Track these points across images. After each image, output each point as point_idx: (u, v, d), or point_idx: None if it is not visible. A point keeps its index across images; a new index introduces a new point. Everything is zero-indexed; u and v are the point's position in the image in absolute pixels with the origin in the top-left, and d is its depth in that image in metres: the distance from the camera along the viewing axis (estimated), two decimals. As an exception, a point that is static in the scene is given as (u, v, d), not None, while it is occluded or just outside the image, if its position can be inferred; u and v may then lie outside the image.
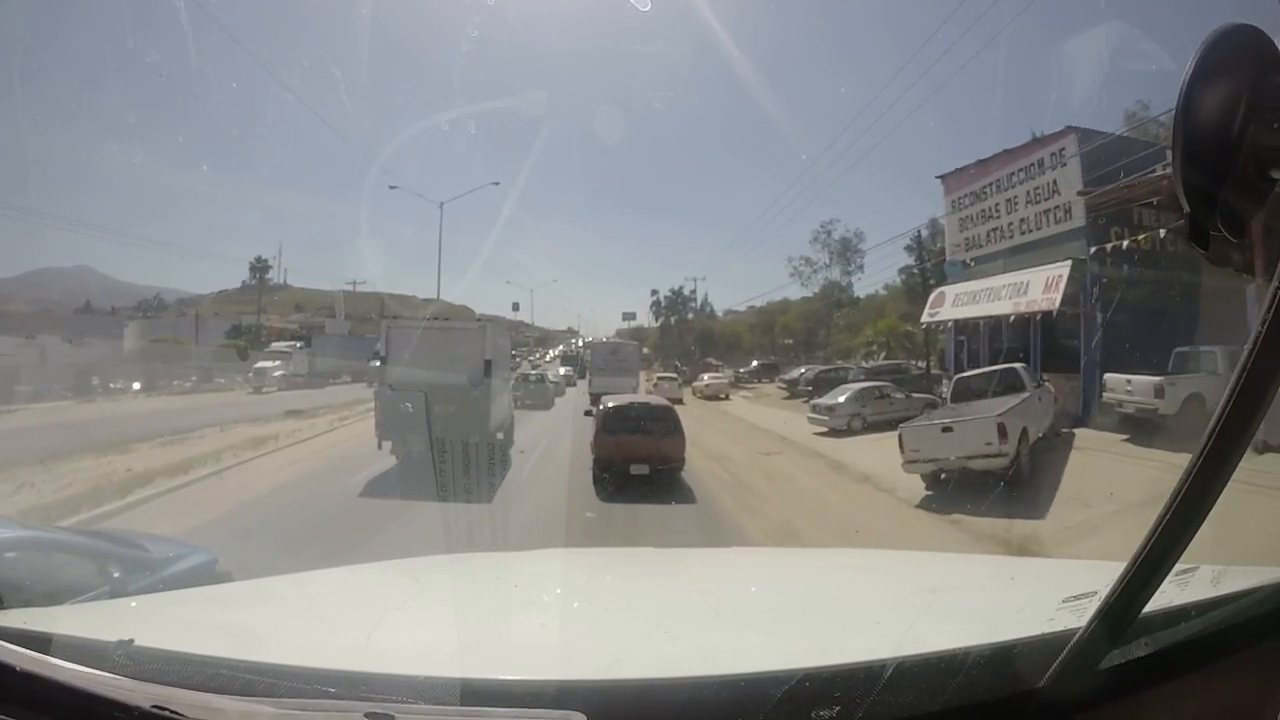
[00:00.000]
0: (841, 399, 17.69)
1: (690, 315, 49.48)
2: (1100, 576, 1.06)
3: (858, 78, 44.05)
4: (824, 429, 17.30)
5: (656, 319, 51.09)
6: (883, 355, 29.63)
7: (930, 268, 26.78)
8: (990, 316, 17.47)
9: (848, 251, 38.47)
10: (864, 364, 27.60)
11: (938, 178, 21.44)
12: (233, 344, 35.85)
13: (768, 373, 35.45)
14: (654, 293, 50.50)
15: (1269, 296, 0.73)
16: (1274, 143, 0.72)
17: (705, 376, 32.02)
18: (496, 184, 27.37)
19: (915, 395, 18.67)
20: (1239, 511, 1.36)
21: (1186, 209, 0.77)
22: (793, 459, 14.40)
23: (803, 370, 29.11)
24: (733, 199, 62.46)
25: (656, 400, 13.32)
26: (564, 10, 28.54)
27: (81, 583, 3.31)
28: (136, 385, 25.54)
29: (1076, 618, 1.05)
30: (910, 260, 31.51)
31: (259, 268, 41.58)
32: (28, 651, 1.02)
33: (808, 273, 39.60)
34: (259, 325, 40.04)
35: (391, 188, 26.13)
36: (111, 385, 25.25)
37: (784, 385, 28.91)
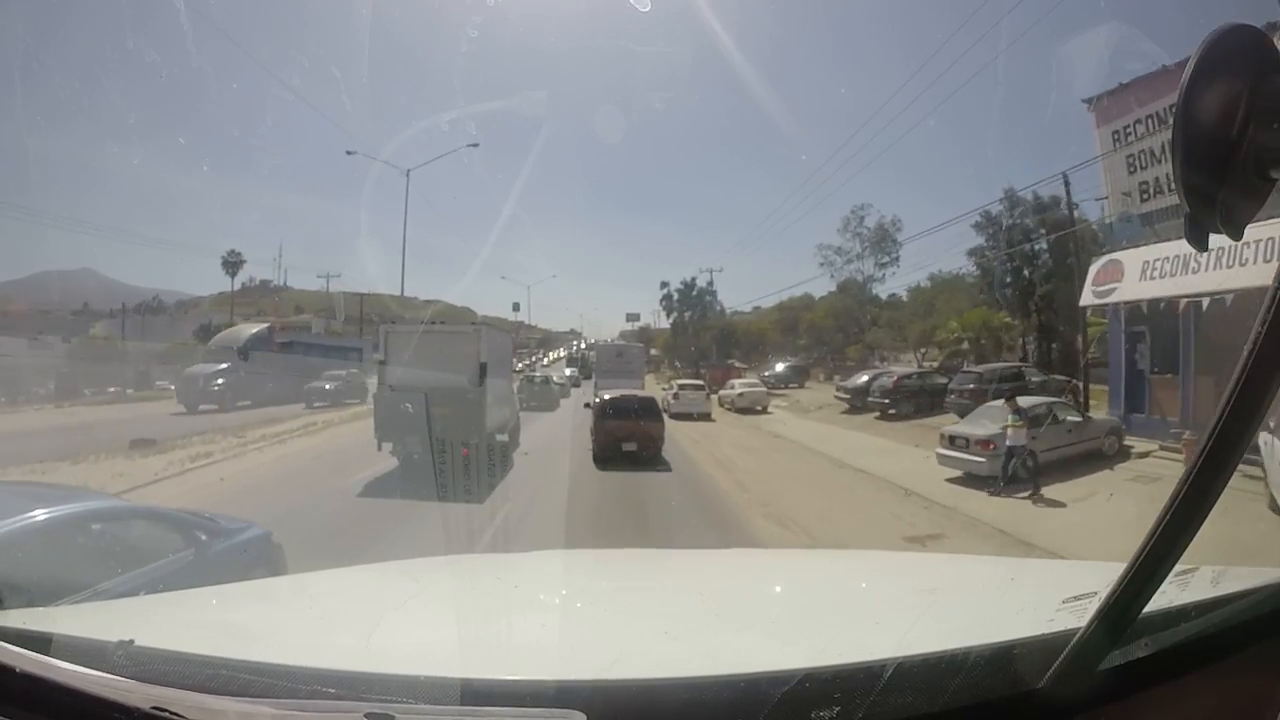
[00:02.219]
0: (1002, 427, 10.90)
1: (706, 310, 42.53)
2: (1100, 576, 1.06)
3: (860, 74, 43.72)
4: (958, 472, 11.33)
5: (668, 315, 44.13)
6: (972, 355, 23.73)
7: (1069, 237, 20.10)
8: (1228, 290, 10.90)
9: (884, 240, 33.42)
10: (973, 368, 20.39)
11: (1084, 101, 15.33)
12: (185, 343, 30.91)
13: (797, 376, 30.77)
14: (664, 285, 43.78)
15: (1269, 296, 0.74)
16: (1274, 143, 0.72)
17: (736, 384, 26.07)
18: (476, 145, 25.28)
19: (1092, 417, 12.79)
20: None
21: (1186, 209, 0.77)
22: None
23: (867, 376, 22.44)
24: (735, 199, 62.42)
25: (642, 393, 16.33)
26: (564, 10, 28.58)
27: (172, 545, 4.06)
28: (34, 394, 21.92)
29: (1076, 618, 1.05)
30: (982, 240, 26.00)
31: (233, 262, 39.96)
32: (28, 652, 1.02)
33: (839, 264, 34.73)
34: (232, 324, 36.44)
35: (349, 153, 24.32)
36: (32, 393, 21.74)
37: (843, 395, 22.53)
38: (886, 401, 19.53)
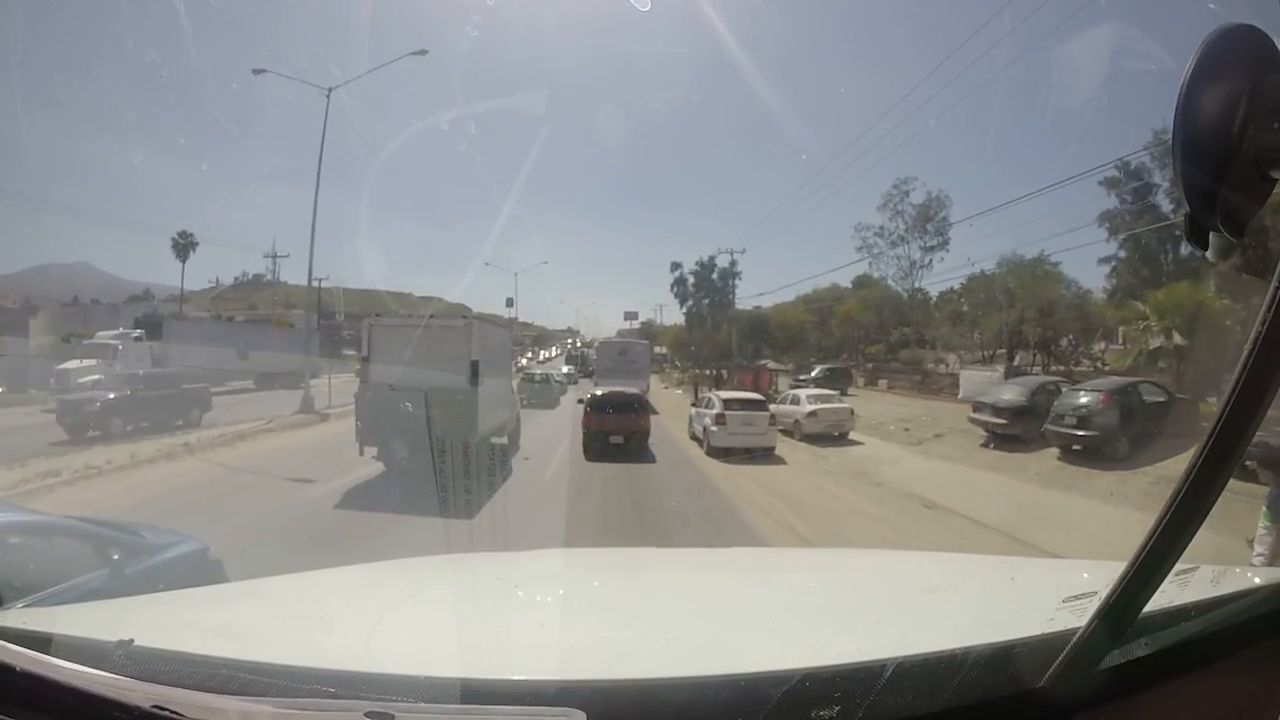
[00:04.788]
0: None
1: (729, 297, 34.34)
2: (1100, 576, 1.06)
3: (867, 65, 42.55)
4: None
5: (681, 303, 35.97)
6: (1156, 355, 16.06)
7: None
8: None
9: (931, 220, 28.33)
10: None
11: None
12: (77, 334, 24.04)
13: (839, 380, 25.46)
14: (676, 267, 35.19)
15: (1269, 296, 0.74)
16: (1274, 143, 0.72)
17: (801, 395, 18.15)
18: (425, 53, 19.66)
19: None
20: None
21: (1187, 209, 0.77)
22: None
23: (1015, 389, 15.35)
24: (736, 198, 61.46)
25: (630, 389, 16.08)
26: (565, 9, 28.54)
27: (82, 564, 3.48)
28: None
29: (1076, 618, 1.05)
30: (1118, 202, 19.57)
31: (183, 244, 36.03)
32: (28, 651, 1.02)
33: (881, 246, 29.34)
34: (181, 314, 32.51)
35: (256, 72, 19.72)
36: None
37: (989, 417, 14.77)
38: (1095, 434, 12.11)
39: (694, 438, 16.36)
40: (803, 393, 18.69)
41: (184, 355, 21.65)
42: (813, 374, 26.55)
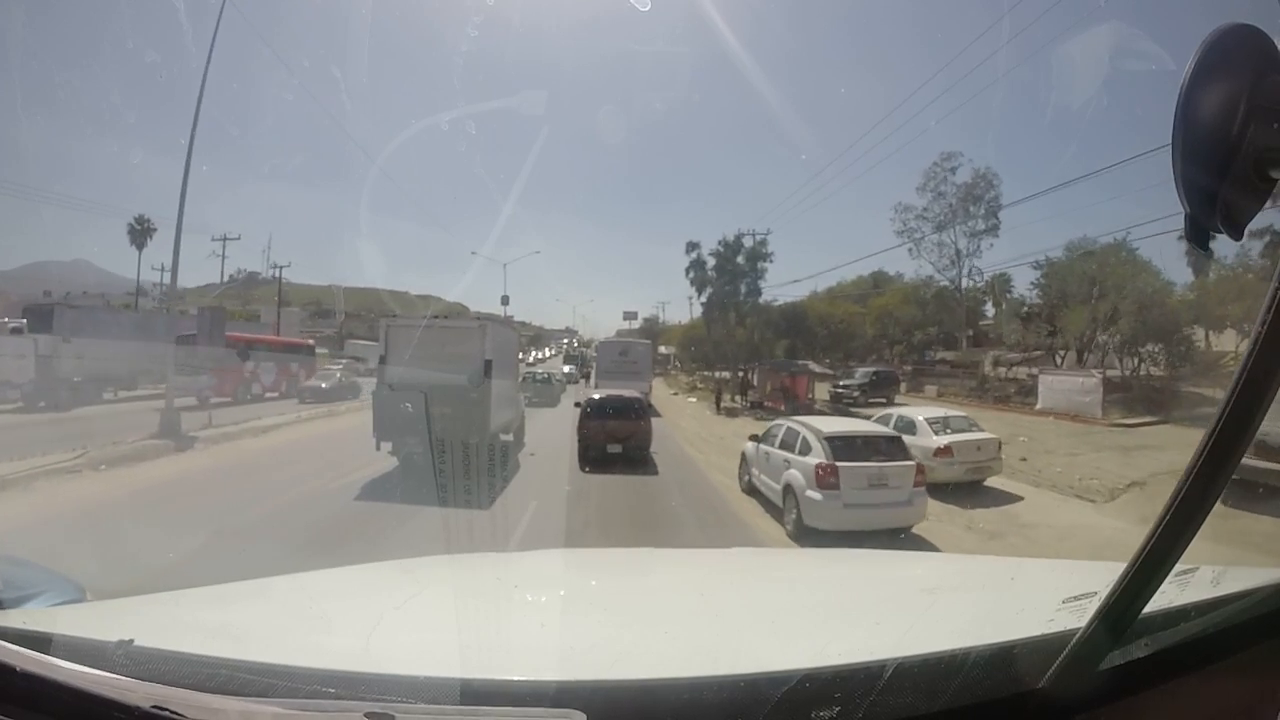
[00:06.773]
0: None
1: (758, 281, 28.16)
2: (1100, 576, 1.06)
3: (862, 69, 43.13)
4: None
5: (700, 291, 29.30)
6: None
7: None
8: None
9: (978, 200, 24.94)
10: None
11: None
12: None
13: (885, 387, 22.17)
14: (692, 248, 28.73)
15: (1269, 296, 0.74)
16: (1274, 143, 0.72)
17: (918, 420, 11.44)
18: None
19: None
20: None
21: (1186, 209, 0.77)
22: None
23: None
24: (736, 198, 61.95)
25: (629, 393, 15.10)
26: (565, 9, 28.49)
27: None
28: None
29: (1076, 618, 1.05)
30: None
31: (140, 230, 33.47)
32: (28, 651, 1.02)
33: (923, 231, 25.79)
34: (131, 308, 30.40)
35: None
36: None
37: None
38: None
39: (750, 492, 9.95)
40: (918, 415, 11.87)
41: (80, 350, 18.13)
42: (855, 379, 22.87)
